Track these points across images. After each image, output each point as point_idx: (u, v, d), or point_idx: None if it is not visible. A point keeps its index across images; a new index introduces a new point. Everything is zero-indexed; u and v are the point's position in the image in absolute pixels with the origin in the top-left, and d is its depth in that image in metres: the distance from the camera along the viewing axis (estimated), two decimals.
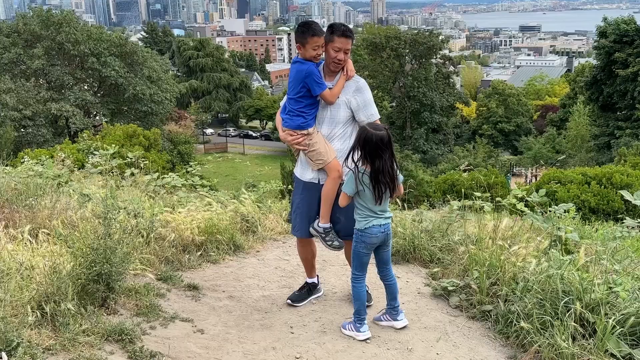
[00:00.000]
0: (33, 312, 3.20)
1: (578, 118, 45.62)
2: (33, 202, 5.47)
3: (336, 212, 4.11)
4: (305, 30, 3.93)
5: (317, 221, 4.20)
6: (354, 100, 4.03)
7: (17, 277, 3.53)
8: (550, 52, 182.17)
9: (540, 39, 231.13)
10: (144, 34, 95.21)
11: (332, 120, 4.07)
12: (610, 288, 3.72)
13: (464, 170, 10.20)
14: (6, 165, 6.92)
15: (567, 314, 3.44)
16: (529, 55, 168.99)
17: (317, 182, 4.15)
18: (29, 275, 3.66)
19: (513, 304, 3.85)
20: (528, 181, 41.11)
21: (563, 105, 56.91)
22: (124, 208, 5.04)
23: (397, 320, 4.08)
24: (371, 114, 4.05)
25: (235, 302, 4.55)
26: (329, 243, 4.21)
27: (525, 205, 5.70)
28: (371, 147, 3.62)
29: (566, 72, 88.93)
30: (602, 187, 20.47)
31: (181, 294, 4.51)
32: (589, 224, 7.94)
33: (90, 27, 45.94)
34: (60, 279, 3.42)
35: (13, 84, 39.13)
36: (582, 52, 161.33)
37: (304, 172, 4.22)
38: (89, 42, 40.61)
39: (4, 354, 2.65)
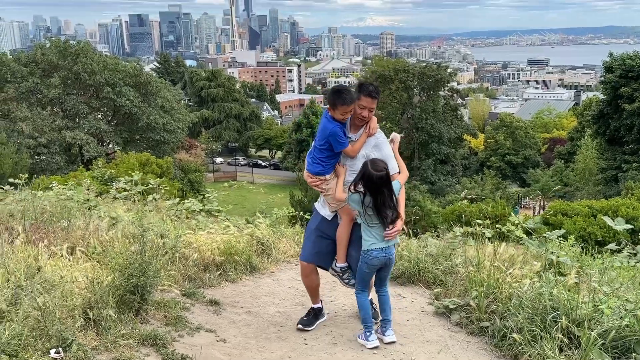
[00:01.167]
0: (79, 317, 3.62)
1: (586, 151, 45.95)
2: (65, 224, 5.94)
3: (348, 248, 4.57)
4: (337, 97, 4.27)
5: (334, 262, 4.65)
6: (372, 155, 4.38)
7: (61, 288, 3.96)
8: (558, 86, 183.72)
9: (549, 73, 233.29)
10: (157, 64, 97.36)
11: (349, 169, 4.46)
12: (596, 306, 4.10)
13: (465, 199, 10.57)
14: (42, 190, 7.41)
15: (554, 328, 3.81)
16: (537, 88, 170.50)
17: (329, 219, 4.62)
18: (71, 288, 4.09)
19: (508, 320, 4.22)
20: (536, 213, 41.33)
21: (571, 138, 57.34)
22: (151, 230, 5.47)
23: (385, 335, 4.46)
24: (391, 167, 4.36)
25: (253, 317, 4.94)
26: (346, 281, 4.68)
27: (525, 233, 6.09)
28: (372, 184, 4.11)
29: (574, 105, 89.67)
30: None
31: (204, 308, 4.92)
32: (592, 255, 8.23)
33: (106, 57, 47.26)
34: (102, 289, 3.85)
35: (29, 112, 40.20)
36: (591, 85, 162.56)
37: (323, 208, 4.69)
38: (104, 73, 41.74)
39: (60, 349, 3.06)
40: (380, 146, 4.43)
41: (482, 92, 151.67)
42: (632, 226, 4.36)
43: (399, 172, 4.45)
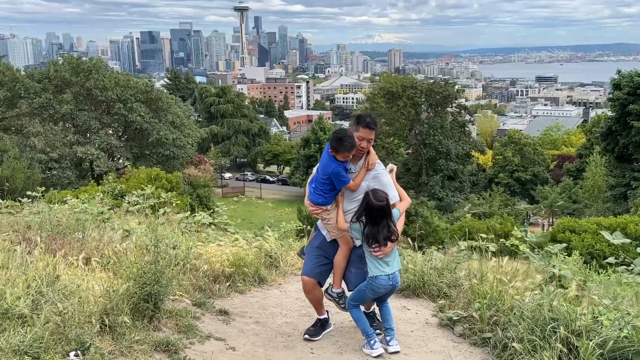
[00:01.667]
0: (96, 323, 3.78)
1: (594, 168, 45.84)
2: (80, 235, 6.13)
3: (348, 265, 4.75)
4: (339, 145, 4.45)
5: (330, 287, 4.87)
6: (373, 186, 4.56)
7: (78, 295, 4.13)
8: (567, 103, 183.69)
9: (557, 90, 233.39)
10: (168, 80, 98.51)
11: (350, 198, 4.64)
12: (595, 317, 4.21)
13: (468, 213, 10.70)
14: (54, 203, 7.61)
15: (553, 338, 3.92)
16: (545, 105, 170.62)
17: (329, 239, 4.80)
18: (87, 296, 4.26)
19: (509, 331, 4.34)
20: (545, 230, 41.18)
21: (580, 155, 57.23)
22: (164, 241, 5.64)
23: (389, 345, 4.59)
24: (392, 196, 4.55)
25: (261, 327, 5.08)
26: (342, 306, 4.90)
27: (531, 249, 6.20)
28: (372, 214, 4.32)
29: (582, 122, 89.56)
30: None
31: (214, 317, 5.07)
32: (597, 270, 8.30)
33: (118, 74, 47.92)
34: (118, 297, 4.02)
35: (42, 127, 40.74)
36: (600, 102, 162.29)
37: (323, 229, 4.86)
38: (116, 89, 42.30)
39: (79, 352, 3.22)
40: (380, 177, 4.63)
41: (491, 108, 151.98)
42: (630, 240, 4.47)
43: (400, 200, 4.64)
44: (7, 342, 3.25)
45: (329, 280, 4.92)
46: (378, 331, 4.81)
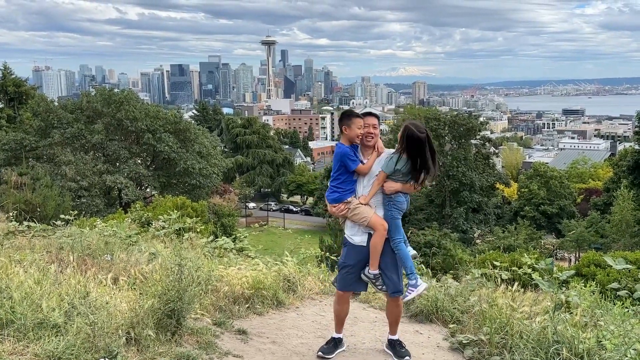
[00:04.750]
0: (122, 335, 4.06)
1: (622, 202, 45.09)
2: (109, 257, 6.48)
3: (381, 256, 4.92)
4: (349, 114, 4.94)
5: (367, 268, 4.99)
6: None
7: (106, 310, 4.43)
8: (595, 136, 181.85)
9: (585, 123, 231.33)
10: (196, 112, 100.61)
11: (366, 185, 4.94)
12: (599, 341, 4.34)
13: (479, 238, 10.76)
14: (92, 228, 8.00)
15: (556, 359, 4.07)
16: (572, 138, 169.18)
17: (364, 244, 4.97)
18: (114, 310, 4.55)
19: (515, 353, 4.48)
20: (570, 265, 40.48)
21: (607, 189, 56.37)
22: (187, 262, 5.94)
23: (417, 285, 4.98)
24: None
25: (278, 346, 5.30)
26: (380, 287, 5.04)
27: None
28: (414, 146, 4.67)
29: (610, 156, 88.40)
30: None
31: (232, 336, 5.31)
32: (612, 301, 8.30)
33: (148, 105, 49.30)
34: (144, 312, 4.30)
35: (73, 156, 41.96)
36: (628, 136, 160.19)
37: (354, 236, 5.04)
38: (146, 120, 43.48)
39: None
40: None
41: (516, 141, 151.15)
42: (630, 266, 4.60)
43: None
44: (42, 349, 3.55)
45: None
46: (408, 358, 4.95)
